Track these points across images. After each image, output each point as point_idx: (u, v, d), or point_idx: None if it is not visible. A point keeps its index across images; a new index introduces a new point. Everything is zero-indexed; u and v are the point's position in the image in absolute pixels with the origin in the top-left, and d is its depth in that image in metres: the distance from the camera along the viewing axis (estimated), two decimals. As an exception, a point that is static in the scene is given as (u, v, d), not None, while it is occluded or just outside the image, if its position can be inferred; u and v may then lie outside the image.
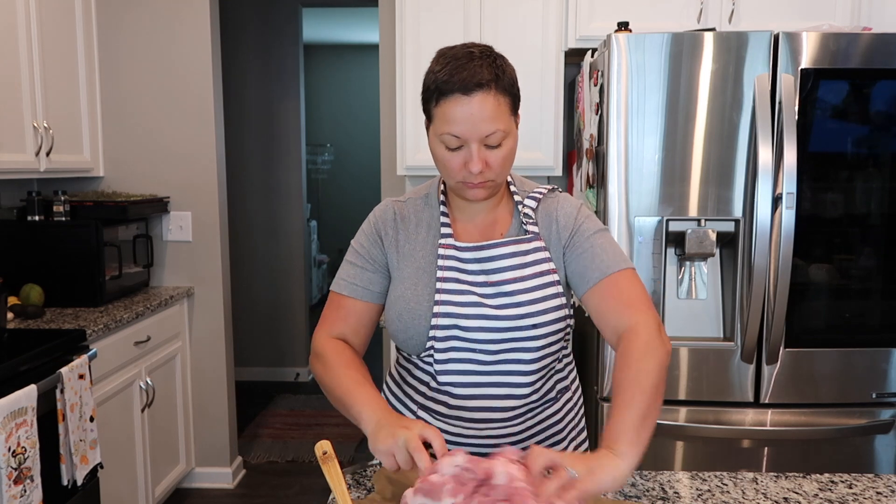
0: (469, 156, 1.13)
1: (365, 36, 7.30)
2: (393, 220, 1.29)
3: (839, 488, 1.18)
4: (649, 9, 2.53)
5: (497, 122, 1.11)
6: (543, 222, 1.26)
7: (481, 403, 1.22)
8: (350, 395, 1.13)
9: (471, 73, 1.10)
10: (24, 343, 2.08)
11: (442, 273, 1.22)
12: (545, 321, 1.20)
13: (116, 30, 3.05)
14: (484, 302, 1.20)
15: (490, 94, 1.11)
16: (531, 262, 1.22)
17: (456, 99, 1.10)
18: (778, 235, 2.04)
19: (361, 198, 8.25)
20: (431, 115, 1.16)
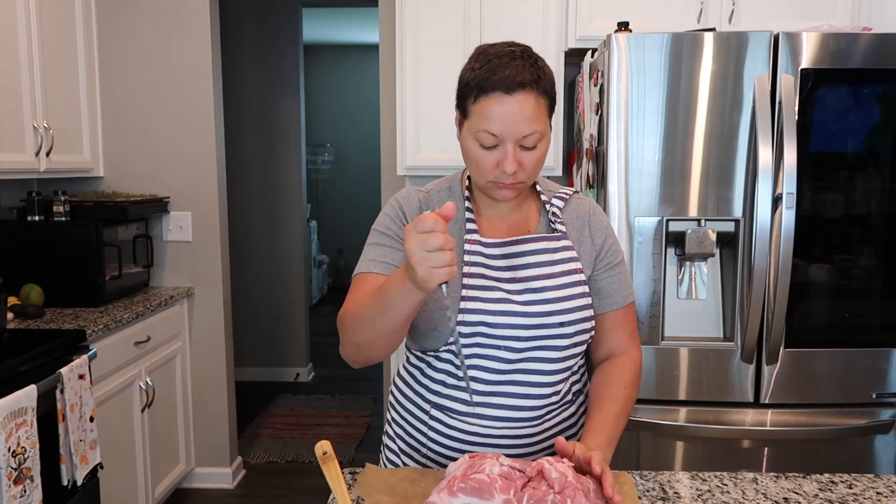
0: (504, 155, 1.11)
1: (365, 36, 7.31)
2: (418, 207, 1.26)
3: (839, 488, 1.18)
4: (649, 9, 2.53)
5: (535, 123, 1.11)
6: (573, 223, 1.27)
7: (502, 401, 1.21)
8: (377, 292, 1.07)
9: (513, 72, 1.09)
10: (24, 343, 2.08)
11: (468, 269, 1.20)
12: (573, 319, 1.20)
13: (116, 30, 3.05)
14: (511, 298, 1.19)
15: (531, 95, 1.10)
16: (560, 260, 1.22)
17: (497, 97, 1.09)
18: (778, 235, 2.04)
19: (361, 198, 8.25)
20: (468, 111, 1.14)
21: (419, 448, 1.29)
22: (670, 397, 2.15)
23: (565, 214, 1.28)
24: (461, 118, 1.18)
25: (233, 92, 4.55)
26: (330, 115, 8.16)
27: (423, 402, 1.28)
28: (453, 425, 1.23)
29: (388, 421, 1.39)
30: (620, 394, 1.23)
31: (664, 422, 2.12)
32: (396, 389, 1.36)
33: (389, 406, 1.39)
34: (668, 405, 2.14)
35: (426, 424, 1.27)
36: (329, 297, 8.00)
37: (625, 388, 1.24)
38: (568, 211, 1.28)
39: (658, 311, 2.12)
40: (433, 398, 1.26)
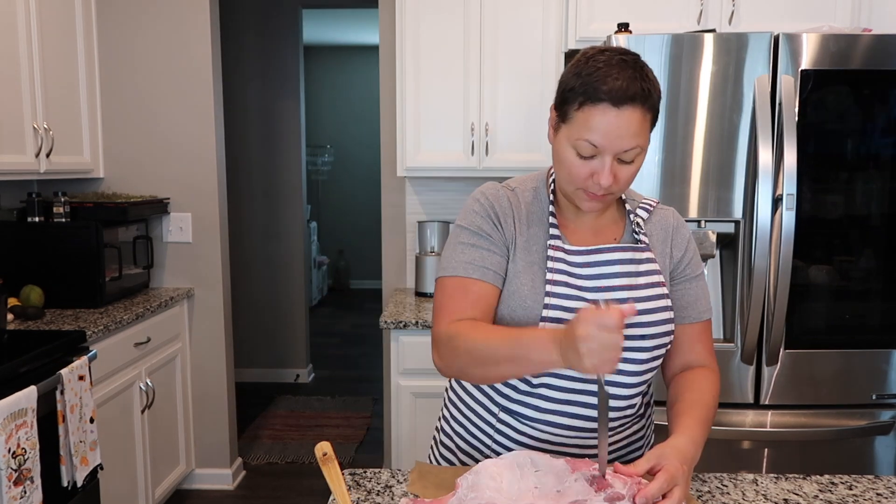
0: (601, 167, 1.09)
1: (365, 37, 7.31)
2: (509, 206, 1.21)
3: (839, 489, 1.17)
4: (649, 10, 2.53)
5: (639, 138, 1.08)
6: (657, 235, 1.25)
7: (577, 411, 1.18)
8: (510, 341, 1.06)
9: (623, 84, 1.06)
10: (24, 344, 2.08)
11: (552, 276, 1.17)
12: (655, 333, 1.17)
13: (116, 31, 3.05)
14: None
15: (639, 110, 1.07)
16: (644, 272, 1.19)
17: (603, 108, 1.06)
18: (778, 237, 2.04)
19: (361, 199, 8.26)
20: (569, 117, 1.10)
21: (482, 449, 1.27)
22: (670, 398, 2.15)
23: (649, 226, 1.25)
24: (559, 122, 1.14)
25: (233, 93, 4.55)
26: (330, 116, 8.17)
27: (491, 404, 1.25)
28: (523, 431, 1.21)
29: (446, 417, 1.35)
30: (707, 399, 1.19)
31: (664, 422, 2.11)
32: (459, 386, 1.32)
33: (448, 402, 1.35)
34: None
35: (493, 427, 1.25)
36: (329, 299, 8.00)
37: (712, 396, 1.20)
38: (652, 222, 1.25)
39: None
40: (503, 402, 1.23)
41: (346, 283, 8.42)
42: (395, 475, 1.21)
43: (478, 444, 1.27)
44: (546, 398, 1.18)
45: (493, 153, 2.68)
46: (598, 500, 0.96)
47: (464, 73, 2.68)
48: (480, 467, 1.01)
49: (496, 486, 0.97)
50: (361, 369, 5.29)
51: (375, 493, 1.15)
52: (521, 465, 1.01)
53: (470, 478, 1.00)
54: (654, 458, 1.01)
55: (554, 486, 1.00)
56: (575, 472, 1.01)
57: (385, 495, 1.14)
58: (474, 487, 0.98)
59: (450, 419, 1.33)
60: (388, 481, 1.19)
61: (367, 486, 1.17)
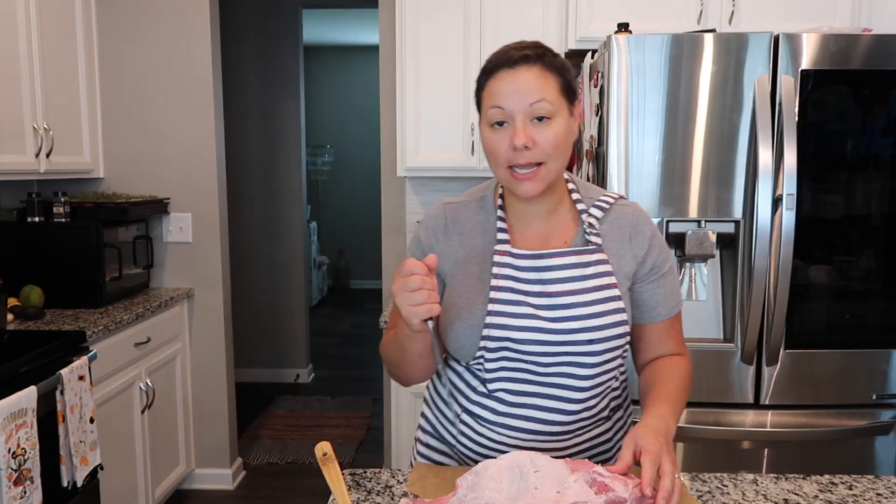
0: (514, 130, 1.10)
1: (365, 37, 7.31)
2: (444, 227, 1.25)
3: (839, 490, 1.17)
4: (649, 10, 2.53)
5: (542, 92, 1.10)
6: (613, 235, 1.22)
7: (531, 413, 1.19)
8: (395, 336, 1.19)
9: (516, 52, 1.13)
10: (24, 344, 2.08)
11: (496, 282, 1.17)
12: (603, 337, 1.16)
13: (116, 31, 3.05)
14: (538, 314, 1.15)
15: (534, 67, 1.11)
16: (592, 275, 1.17)
17: (502, 74, 1.12)
18: (778, 237, 2.04)
19: (361, 199, 8.26)
20: (482, 103, 1.16)
21: (448, 452, 1.30)
22: (670, 398, 2.15)
23: (605, 224, 1.22)
24: (479, 117, 1.18)
25: (233, 93, 4.55)
26: (330, 116, 8.17)
27: (455, 404, 1.27)
28: (482, 433, 1.22)
29: (424, 415, 1.38)
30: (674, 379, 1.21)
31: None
32: (433, 386, 1.35)
33: (425, 401, 1.39)
34: (668, 406, 2.14)
35: (455, 427, 1.27)
36: (329, 299, 8.00)
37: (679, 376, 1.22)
38: (608, 221, 1.22)
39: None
40: (464, 402, 1.25)
41: (346, 283, 8.42)
42: (395, 475, 1.22)
43: (444, 448, 1.30)
44: (502, 401, 1.20)
45: (493, 153, 2.68)
46: (599, 501, 0.96)
47: (464, 74, 2.67)
48: (480, 467, 1.01)
49: (496, 487, 0.97)
50: (361, 369, 5.29)
51: (375, 493, 1.15)
52: (521, 465, 1.02)
53: (470, 478, 1.00)
54: (630, 442, 1.03)
55: (553, 487, 1.00)
56: (574, 473, 1.01)
57: (385, 495, 1.14)
58: (474, 488, 0.98)
59: (426, 416, 1.37)
60: (388, 481, 1.19)
61: (367, 486, 1.17)
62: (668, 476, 0.97)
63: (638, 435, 1.03)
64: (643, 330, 1.26)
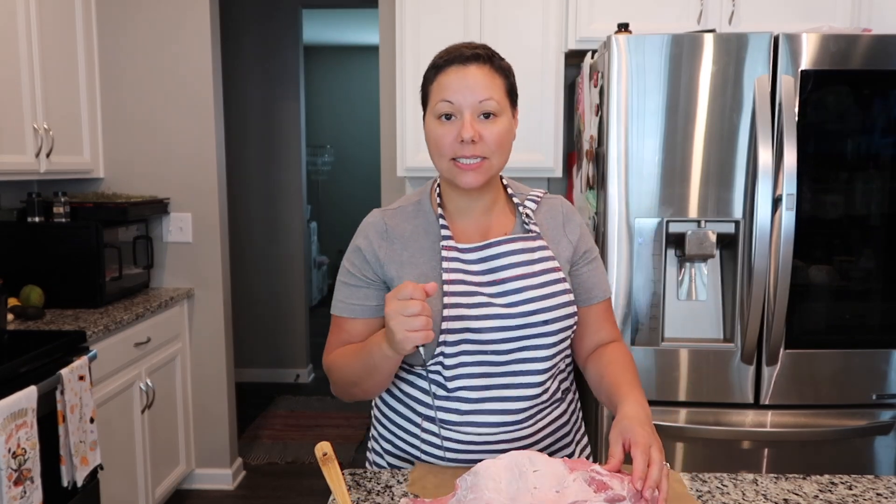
0: (462, 124, 1.15)
1: (365, 37, 7.31)
2: (385, 232, 1.26)
3: (839, 489, 1.18)
4: (649, 10, 2.53)
5: (491, 90, 1.16)
6: (548, 223, 1.28)
7: (494, 406, 1.20)
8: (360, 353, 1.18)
9: (467, 51, 1.17)
10: (24, 344, 2.09)
11: (448, 276, 1.19)
12: (556, 317, 1.20)
13: (117, 31, 3.05)
14: (493, 301, 1.18)
15: (485, 67, 1.17)
16: (538, 260, 1.22)
17: (452, 69, 1.17)
18: (778, 237, 2.04)
19: (361, 199, 8.25)
20: (429, 94, 1.20)
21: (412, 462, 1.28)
22: (670, 398, 2.15)
23: (539, 215, 1.29)
24: (424, 111, 1.23)
25: (233, 93, 4.55)
26: (330, 117, 8.16)
27: (414, 414, 1.26)
28: (447, 436, 1.22)
29: (375, 437, 1.36)
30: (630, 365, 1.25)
31: (664, 423, 2.12)
32: (382, 403, 1.33)
33: (375, 421, 1.36)
34: (667, 406, 2.14)
35: (418, 437, 1.25)
36: (329, 299, 7.98)
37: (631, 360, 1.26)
38: (541, 212, 1.29)
39: (658, 313, 2.12)
40: (424, 410, 1.24)
41: (346, 283, 8.40)
42: (395, 475, 1.22)
43: (407, 457, 1.28)
44: (464, 400, 1.20)
45: (493, 153, 2.68)
46: (599, 500, 0.96)
47: (464, 74, 2.67)
48: (480, 468, 1.01)
49: (495, 487, 0.98)
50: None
51: (375, 493, 1.15)
52: (520, 465, 1.02)
53: (469, 479, 1.00)
54: (618, 436, 1.04)
55: (553, 486, 1.00)
56: (573, 473, 1.01)
57: (385, 495, 1.14)
58: (473, 488, 0.98)
59: (378, 437, 1.34)
60: (388, 481, 1.19)
61: (367, 486, 1.17)
62: (657, 465, 0.98)
63: (623, 427, 1.04)
64: (584, 312, 1.29)
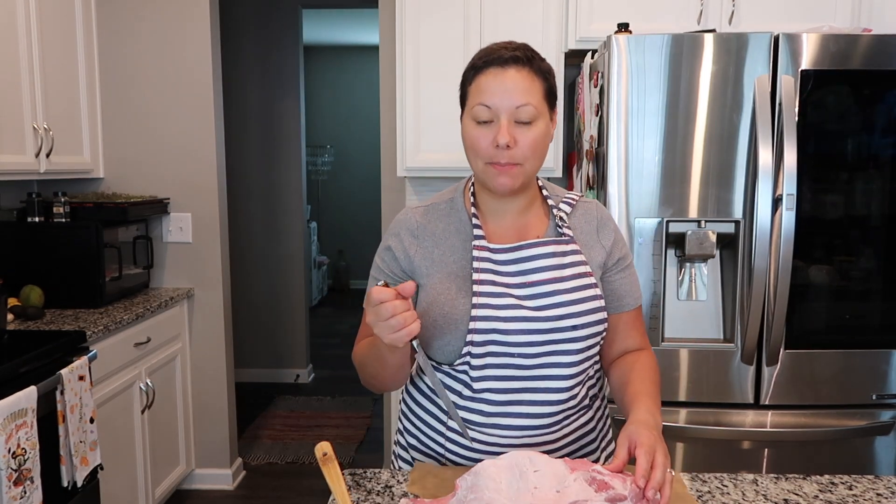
0: (498, 129, 1.13)
1: (365, 37, 7.31)
2: (416, 229, 1.25)
3: (839, 490, 1.18)
4: (649, 10, 2.53)
5: (529, 95, 1.14)
6: (582, 228, 1.28)
7: (520, 409, 1.19)
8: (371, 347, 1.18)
9: (507, 52, 1.15)
10: (24, 344, 2.08)
11: (477, 275, 1.18)
12: (585, 322, 1.19)
13: (116, 31, 3.05)
14: (522, 304, 1.17)
15: (524, 70, 1.14)
16: (569, 264, 1.21)
17: (491, 72, 1.14)
18: (778, 237, 2.04)
19: (361, 199, 8.26)
20: (467, 95, 1.19)
21: (437, 459, 1.27)
22: (670, 398, 2.15)
23: (573, 219, 1.28)
24: (462, 110, 1.20)
25: (233, 93, 4.55)
26: (330, 116, 8.17)
27: (439, 411, 1.26)
28: (472, 437, 1.21)
29: (401, 430, 1.36)
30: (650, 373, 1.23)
31: (664, 423, 2.10)
32: (410, 399, 1.33)
33: (402, 415, 1.36)
34: (668, 406, 2.14)
35: (443, 436, 1.25)
36: (329, 299, 8.00)
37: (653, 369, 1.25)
38: (576, 216, 1.28)
39: (658, 313, 2.12)
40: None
41: (346, 283, 8.42)
42: (395, 475, 1.22)
43: (432, 454, 1.28)
44: (489, 402, 1.19)
45: (493, 153, 2.68)
46: (599, 499, 0.96)
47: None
48: (480, 468, 1.01)
49: (496, 487, 0.97)
50: (361, 369, 5.29)
51: (375, 493, 1.15)
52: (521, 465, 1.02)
53: (469, 479, 1.00)
54: (625, 440, 1.04)
55: (553, 486, 1.00)
56: (574, 472, 1.01)
57: (385, 495, 1.14)
58: (474, 488, 0.98)
59: (404, 431, 1.35)
60: (388, 481, 1.19)
61: (367, 486, 1.17)
62: (660, 468, 0.98)
63: (630, 431, 1.05)
64: (614, 319, 1.29)
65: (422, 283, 1.23)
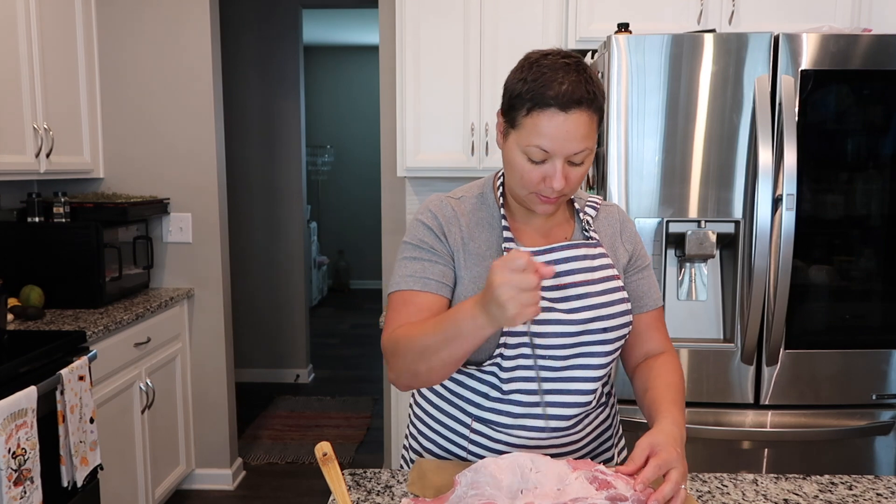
0: (552, 171, 1.10)
1: (365, 37, 7.31)
2: (454, 217, 1.22)
3: (839, 490, 1.18)
4: (649, 10, 2.53)
5: (587, 140, 1.10)
6: (606, 230, 1.29)
7: (549, 411, 1.18)
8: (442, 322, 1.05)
9: (569, 88, 1.06)
10: (24, 344, 2.08)
11: None
12: (615, 325, 1.19)
13: (116, 31, 3.05)
14: (555, 307, 1.17)
15: (585, 113, 1.08)
16: (598, 267, 1.22)
17: (552, 114, 1.07)
18: (778, 237, 2.04)
19: (361, 199, 8.26)
20: (518, 123, 1.11)
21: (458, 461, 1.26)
22: (670, 398, 2.15)
23: (597, 222, 1.29)
24: (507, 127, 1.14)
25: (233, 93, 4.55)
26: (330, 116, 8.17)
27: (463, 415, 1.24)
28: (498, 438, 1.21)
29: (414, 435, 1.33)
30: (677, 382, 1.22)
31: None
32: (425, 401, 1.31)
33: (416, 418, 1.34)
34: (668, 406, 2.14)
35: (466, 438, 1.24)
36: (329, 299, 8.00)
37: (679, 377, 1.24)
38: (599, 219, 1.29)
39: (658, 313, 2.11)
40: (475, 411, 1.22)
41: (346, 283, 8.42)
42: (395, 475, 1.22)
43: (449, 457, 1.27)
44: (519, 403, 1.18)
45: (493, 153, 2.68)
46: (601, 498, 0.96)
47: (464, 74, 2.68)
48: (480, 465, 1.01)
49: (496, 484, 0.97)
50: (361, 369, 5.29)
51: (375, 493, 1.15)
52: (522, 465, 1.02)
53: (469, 475, 1.00)
54: (647, 446, 1.03)
55: (554, 484, 1.00)
56: (576, 472, 1.01)
57: (385, 495, 1.14)
58: (474, 485, 0.98)
59: (418, 435, 1.32)
60: (388, 481, 1.19)
61: (367, 486, 1.17)
62: (671, 484, 0.98)
63: (656, 442, 1.03)
64: (634, 320, 1.28)
65: (458, 273, 1.20)
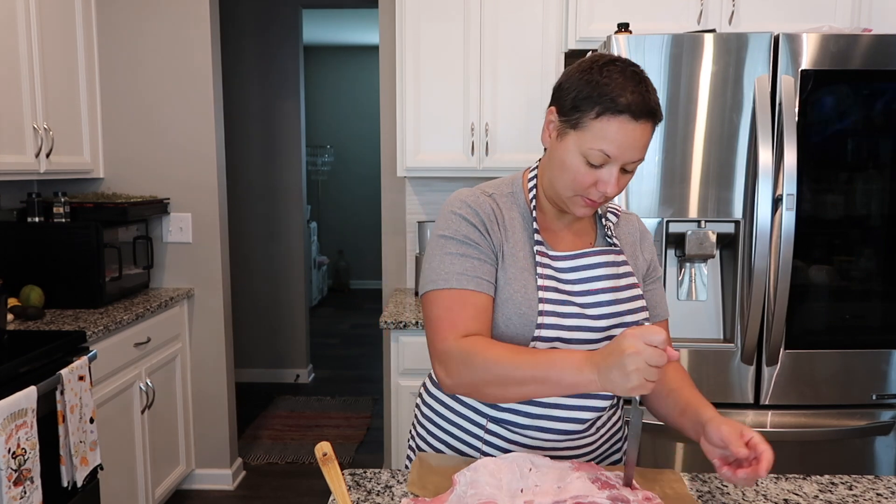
0: (608, 176, 1.11)
1: (365, 37, 7.32)
2: (493, 213, 1.19)
3: (839, 490, 1.17)
4: (649, 10, 2.53)
5: (644, 151, 1.12)
6: (626, 238, 1.30)
7: (565, 414, 1.18)
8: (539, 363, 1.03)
9: (642, 98, 1.08)
10: (24, 344, 2.08)
11: (542, 281, 1.17)
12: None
13: (116, 31, 3.05)
14: (584, 313, 1.17)
15: (650, 125, 1.10)
16: (623, 274, 1.23)
17: (624, 120, 1.07)
18: (778, 237, 2.04)
19: (361, 199, 8.26)
20: (583, 124, 1.09)
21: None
22: (670, 398, 2.15)
23: (618, 230, 1.30)
24: (565, 127, 1.12)
25: (233, 93, 4.56)
26: (330, 116, 8.17)
27: (478, 415, 1.23)
28: (513, 439, 1.21)
29: (422, 435, 1.32)
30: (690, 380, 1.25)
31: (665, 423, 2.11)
32: (435, 401, 1.30)
33: (424, 418, 1.33)
34: (668, 406, 2.14)
35: (481, 439, 1.24)
36: (329, 299, 8.00)
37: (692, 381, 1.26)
38: (620, 226, 1.31)
39: (658, 313, 2.11)
40: (491, 412, 1.22)
41: (346, 283, 8.42)
42: (395, 475, 1.21)
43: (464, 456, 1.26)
44: (537, 403, 1.18)
45: (493, 153, 2.68)
46: (602, 497, 0.96)
47: (464, 74, 2.68)
48: (479, 464, 1.01)
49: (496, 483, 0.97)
50: (361, 369, 5.29)
51: (375, 493, 1.15)
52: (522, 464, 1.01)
53: (468, 474, 1.00)
54: (738, 433, 1.04)
55: (555, 482, 1.00)
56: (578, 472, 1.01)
57: (385, 495, 1.14)
58: (473, 484, 0.98)
59: (427, 436, 1.31)
60: (388, 481, 1.19)
61: (367, 486, 1.17)
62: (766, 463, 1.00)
63: (735, 424, 1.06)
64: None
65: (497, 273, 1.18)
